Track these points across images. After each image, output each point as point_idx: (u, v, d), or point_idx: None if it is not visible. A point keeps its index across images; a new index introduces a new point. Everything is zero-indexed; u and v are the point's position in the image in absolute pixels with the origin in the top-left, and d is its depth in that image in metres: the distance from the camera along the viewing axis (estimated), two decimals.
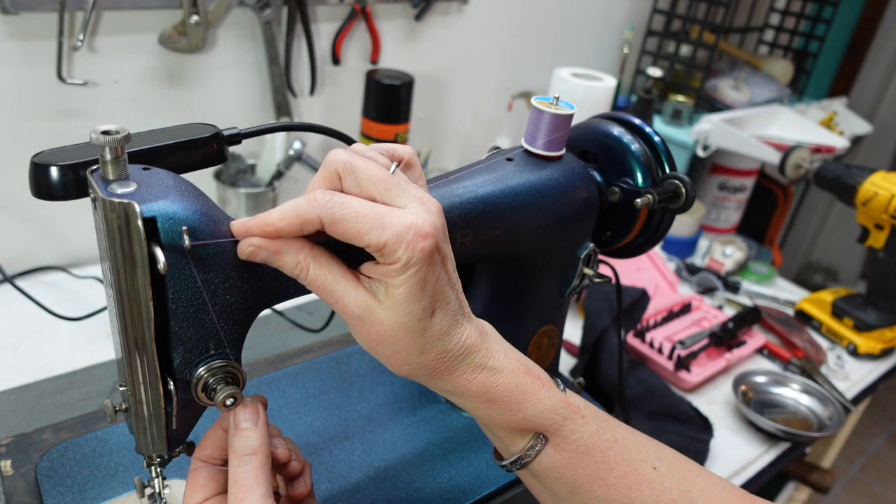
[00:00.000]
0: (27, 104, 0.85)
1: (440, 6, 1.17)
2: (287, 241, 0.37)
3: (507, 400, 0.40)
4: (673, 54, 1.47)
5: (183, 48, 0.91)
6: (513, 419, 0.41)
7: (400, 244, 0.35)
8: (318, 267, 0.37)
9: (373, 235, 0.35)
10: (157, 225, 0.34)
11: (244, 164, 1.05)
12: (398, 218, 0.35)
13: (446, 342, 0.39)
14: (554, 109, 0.49)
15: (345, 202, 0.36)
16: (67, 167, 0.37)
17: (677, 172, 0.54)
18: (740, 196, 1.41)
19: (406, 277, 0.36)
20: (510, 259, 0.53)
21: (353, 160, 0.37)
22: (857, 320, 1.07)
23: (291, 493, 0.44)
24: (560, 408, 0.41)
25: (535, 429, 0.41)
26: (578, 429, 0.41)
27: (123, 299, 0.35)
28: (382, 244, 0.35)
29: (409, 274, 0.36)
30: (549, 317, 0.58)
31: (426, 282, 0.37)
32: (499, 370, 0.40)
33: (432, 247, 0.36)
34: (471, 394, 0.40)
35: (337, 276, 0.37)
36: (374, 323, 0.37)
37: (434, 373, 0.39)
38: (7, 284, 0.88)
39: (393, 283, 0.36)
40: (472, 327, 0.40)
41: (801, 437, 0.84)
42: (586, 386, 0.64)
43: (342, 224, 0.35)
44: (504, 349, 0.42)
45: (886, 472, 2.25)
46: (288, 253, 0.37)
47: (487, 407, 0.41)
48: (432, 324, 0.38)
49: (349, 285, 0.37)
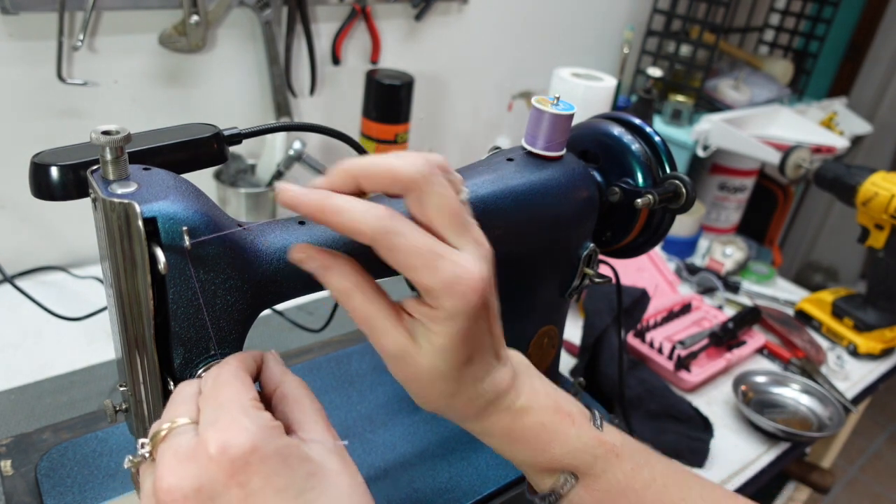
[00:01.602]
0: (27, 104, 0.85)
1: (440, 6, 1.17)
2: (339, 261, 0.36)
3: (533, 440, 0.39)
4: (673, 54, 1.47)
5: (183, 48, 0.91)
6: (539, 459, 0.40)
7: (448, 293, 0.34)
8: (363, 297, 0.36)
9: (422, 275, 0.34)
10: (157, 225, 0.34)
11: (244, 164, 1.05)
12: (452, 263, 0.34)
13: (478, 387, 0.38)
14: (554, 109, 0.49)
15: (404, 232, 0.34)
16: (67, 167, 0.37)
17: (677, 172, 0.54)
18: (740, 196, 1.41)
19: (449, 327, 0.35)
20: (510, 259, 0.53)
21: (433, 178, 0.35)
22: (857, 320, 1.07)
23: None
24: (591, 447, 0.40)
25: (564, 468, 0.40)
26: (611, 468, 0.40)
27: (123, 299, 0.35)
28: (430, 288, 0.34)
29: (452, 325, 0.35)
30: (549, 317, 0.58)
31: (468, 336, 0.36)
32: (524, 411, 0.39)
33: (480, 301, 0.35)
34: (496, 435, 0.40)
35: (380, 310, 0.36)
36: (410, 364, 0.37)
37: (462, 415, 0.39)
38: (7, 284, 0.88)
39: (435, 330, 0.35)
40: (505, 370, 0.39)
41: (802, 438, 0.84)
42: (586, 386, 0.64)
43: (392, 254, 0.34)
44: (534, 386, 0.40)
45: (887, 472, 2.25)
46: (337, 274, 0.36)
47: (512, 447, 0.40)
48: (467, 371, 0.37)
49: (389, 322, 0.36)
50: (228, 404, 0.32)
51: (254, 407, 0.32)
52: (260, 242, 0.39)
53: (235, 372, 0.35)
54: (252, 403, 0.33)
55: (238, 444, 0.30)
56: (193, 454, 0.30)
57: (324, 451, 0.33)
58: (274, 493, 0.30)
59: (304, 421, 0.35)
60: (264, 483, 0.30)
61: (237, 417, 0.31)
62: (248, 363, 0.37)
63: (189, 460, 0.30)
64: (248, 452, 0.30)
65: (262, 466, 0.30)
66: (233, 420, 0.31)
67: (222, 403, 0.32)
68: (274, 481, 0.30)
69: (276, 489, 0.30)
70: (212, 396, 0.33)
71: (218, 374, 0.35)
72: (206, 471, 0.30)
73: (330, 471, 0.33)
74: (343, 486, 0.32)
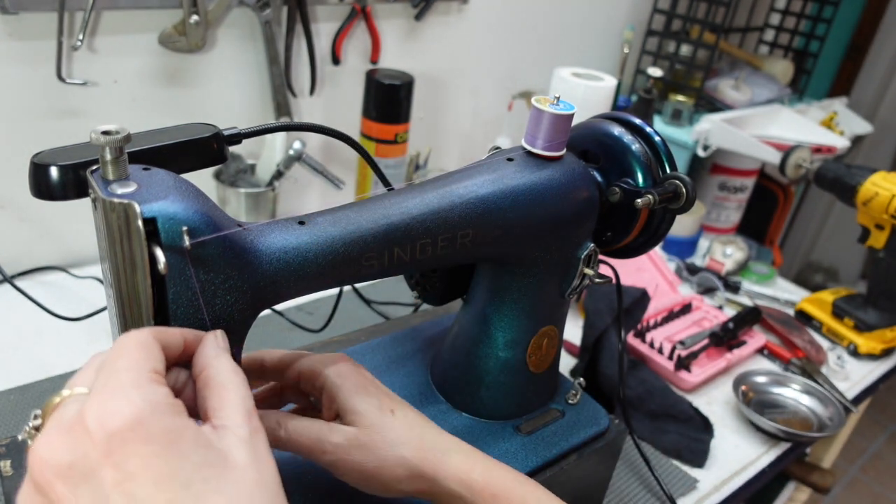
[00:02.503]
0: (27, 104, 0.85)
1: (440, 6, 1.17)
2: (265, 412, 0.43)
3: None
4: (673, 54, 1.47)
5: (183, 48, 0.90)
6: None
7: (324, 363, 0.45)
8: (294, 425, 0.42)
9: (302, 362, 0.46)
10: (157, 225, 0.34)
11: (244, 164, 1.05)
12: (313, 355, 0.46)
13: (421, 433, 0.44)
14: (554, 109, 0.49)
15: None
16: (67, 167, 0.37)
17: (678, 172, 0.54)
18: (740, 196, 1.41)
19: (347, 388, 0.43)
20: (510, 259, 0.53)
21: None
22: (857, 320, 1.07)
23: None
24: None
25: None
26: None
27: (123, 299, 0.35)
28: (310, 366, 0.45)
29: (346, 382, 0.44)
30: (549, 317, 0.57)
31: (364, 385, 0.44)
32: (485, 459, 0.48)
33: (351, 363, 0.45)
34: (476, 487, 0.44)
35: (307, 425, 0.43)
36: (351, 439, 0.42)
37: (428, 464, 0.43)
38: (7, 284, 0.88)
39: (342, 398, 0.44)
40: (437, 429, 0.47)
41: (802, 438, 0.84)
42: (586, 386, 0.64)
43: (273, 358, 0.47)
44: None
45: (887, 473, 2.25)
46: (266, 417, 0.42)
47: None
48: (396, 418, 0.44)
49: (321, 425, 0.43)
50: (120, 373, 0.29)
51: (150, 379, 0.29)
52: (260, 242, 0.39)
53: (143, 340, 0.31)
54: (149, 376, 0.29)
55: (118, 418, 0.26)
56: (72, 426, 0.27)
57: (234, 440, 0.30)
58: (152, 480, 0.26)
59: (222, 407, 0.31)
60: (143, 466, 0.26)
61: (125, 388, 0.28)
62: (165, 335, 0.33)
63: (67, 432, 0.27)
64: (128, 428, 0.26)
65: (144, 447, 0.26)
66: (119, 390, 0.28)
67: (114, 371, 0.29)
68: (155, 466, 0.26)
69: (156, 475, 0.26)
70: (108, 363, 0.30)
71: (122, 341, 0.31)
72: (80, 444, 0.26)
73: (235, 463, 0.29)
74: (247, 481, 0.28)
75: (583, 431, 0.59)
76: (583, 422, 0.60)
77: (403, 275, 0.60)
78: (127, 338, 0.31)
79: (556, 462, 0.57)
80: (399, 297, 0.99)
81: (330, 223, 0.42)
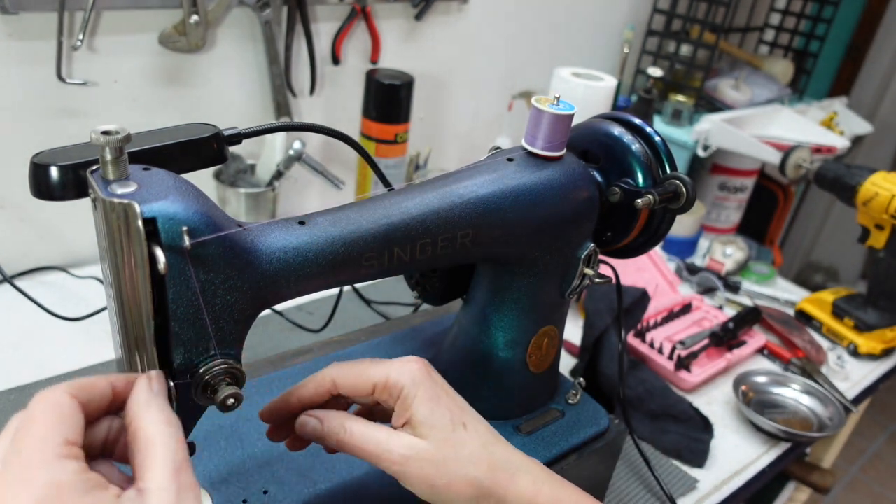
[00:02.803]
0: (27, 104, 0.85)
1: (440, 6, 1.17)
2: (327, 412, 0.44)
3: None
4: (673, 54, 1.47)
5: (183, 48, 0.91)
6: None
7: (399, 373, 0.42)
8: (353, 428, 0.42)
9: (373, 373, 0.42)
10: (157, 225, 0.34)
11: (244, 164, 1.05)
12: (383, 363, 0.43)
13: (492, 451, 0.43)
14: (554, 109, 0.49)
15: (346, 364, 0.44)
16: (67, 167, 0.37)
17: (678, 172, 0.54)
18: (740, 196, 1.41)
19: (419, 397, 0.42)
20: (510, 259, 0.53)
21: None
22: (857, 320, 1.07)
23: None
24: None
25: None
26: None
27: (123, 299, 0.35)
28: (385, 377, 0.42)
29: (419, 392, 0.42)
30: (549, 317, 0.57)
31: (438, 396, 0.42)
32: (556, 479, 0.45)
33: (424, 366, 0.43)
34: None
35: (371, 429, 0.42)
36: (421, 452, 0.41)
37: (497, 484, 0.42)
38: (7, 284, 0.88)
39: (413, 410, 0.42)
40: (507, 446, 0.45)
41: (802, 438, 0.84)
42: (586, 386, 0.64)
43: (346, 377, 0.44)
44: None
45: (887, 473, 2.25)
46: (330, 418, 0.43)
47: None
48: (469, 434, 0.42)
49: (385, 433, 0.42)
50: (27, 450, 0.27)
51: (58, 455, 0.27)
52: (260, 242, 0.39)
53: (56, 403, 0.29)
54: (58, 450, 0.27)
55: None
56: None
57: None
58: None
59: (147, 466, 0.29)
60: None
61: (29, 467, 0.26)
62: (87, 390, 0.31)
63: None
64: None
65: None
66: (22, 471, 0.26)
67: (22, 447, 0.27)
68: None
69: None
70: (19, 433, 0.28)
71: (34, 404, 0.29)
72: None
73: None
74: None
75: (583, 431, 0.59)
76: (583, 422, 0.60)
77: (403, 275, 0.60)
78: (39, 401, 0.29)
79: (556, 462, 0.57)
80: (399, 297, 1.00)
81: (330, 223, 0.42)
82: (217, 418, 0.60)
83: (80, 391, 0.31)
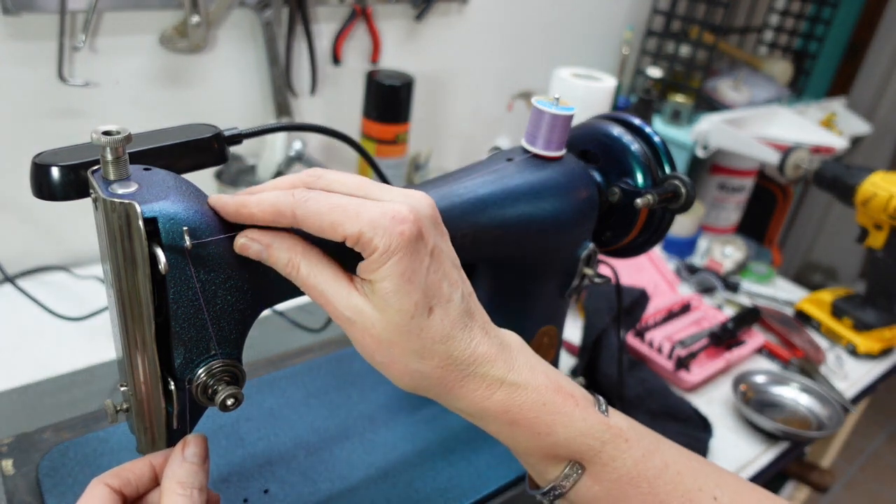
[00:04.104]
0: (28, 104, 0.85)
1: (440, 6, 1.17)
2: (280, 236, 0.36)
3: (534, 421, 0.36)
4: (672, 54, 1.47)
5: (183, 49, 0.91)
6: (542, 444, 0.37)
7: (376, 230, 0.33)
8: (308, 265, 0.35)
9: (347, 226, 0.33)
10: (157, 225, 0.34)
11: (245, 164, 1.05)
12: (373, 206, 0.34)
13: (451, 347, 0.35)
14: (554, 110, 0.49)
15: (318, 197, 0.34)
16: (68, 167, 0.38)
17: (677, 172, 0.54)
18: (740, 196, 1.41)
19: (389, 267, 0.33)
20: (510, 259, 0.54)
21: (327, 172, 0.37)
22: (856, 320, 1.07)
23: None
24: (598, 431, 0.37)
25: (570, 455, 0.37)
26: (620, 455, 0.37)
27: (124, 299, 0.35)
28: (357, 233, 0.33)
29: (391, 263, 0.33)
30: (549, 317, 0.58)
31: (414, 272, 0.34)
32: (521, 386, 0.36)
33: (413, 232, 0.34)
34: (491, 413, 0.36)
35: (328, 276, 0.36)
36: (367, 326, 0.35)
37: (441, 384, 0.36)
38: (8, 284, 0.88)
39: (377, 277, 0.34)
40: (487, 337, 0.37)
41: (801, 437, 0.84)
42: (586, 386, 0.64)
43: (316, 217, 0.34)
44: (530, 363, 0.38)
45: (886, 472, 2.25)
46: (280, 249, 0.36)
47: (512, 430, 0.37)
48: (430, 324, 0.35)
49: (341, 287, 0.35)
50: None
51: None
52: None
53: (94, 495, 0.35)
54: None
55: None
56: None
57: None
58: None
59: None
60: None
61: None
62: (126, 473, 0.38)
63: None
64: None
65: None
66: None
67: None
68: None
69: None
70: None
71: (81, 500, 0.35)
72: None
73: None
74: None
75: None
76: None
77: None
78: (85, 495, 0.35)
79: None
80: None
81: None
82: (217, 418, 0.60)
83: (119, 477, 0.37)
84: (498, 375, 0.36)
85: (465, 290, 0.38)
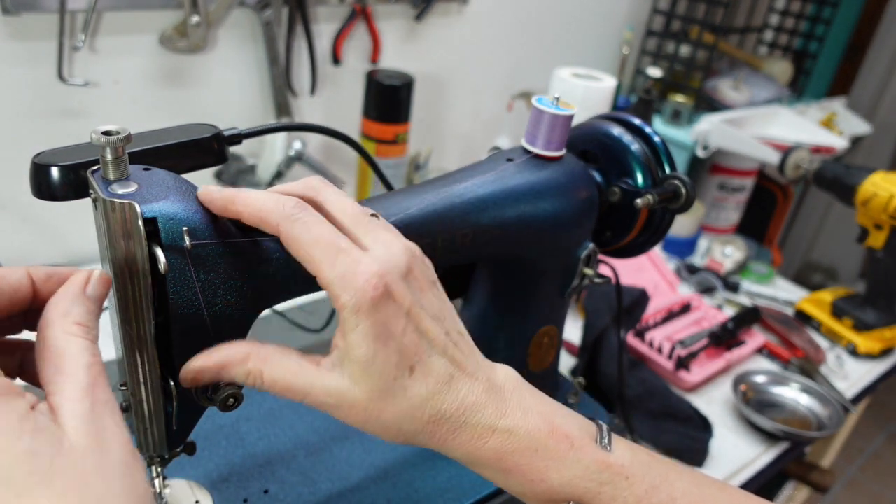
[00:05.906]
0: (28, 104, 0.85)
1: (440, 6, 1.17)
2: (229, 355, 0.35)
3: (526, 468, 0.35)
4: (672, 54, 1.47)
5: (183, 49, 0.91)
6: (536, 490, 0.36)
7: (345, 287, 0.32)
8: (271, 369, 0.34)
9: (322, 269, 0.33)
10: (157, 225, 0.34)
11: (245, 164, 1.05)
12: (350, 258, 0.33)
13: (438, 403, 0.35)
14: (554, 110, 0.49)
15: (308, 221, 0.33)
16: (68, 167, 0.38)
17: (677, 172, 0.54)
18: (740, 196, 1.41)
19: (359, 333, 0.32)
20: (510, 259, 0.54)
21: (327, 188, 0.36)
22: (856, 320, 1.07)
23: None
24: (594, 473, 0.36)
25: (567, 498, 0.36)
26: (621, 494, 0.36)
27: (124, 299, 0.35)
28: (328, 282, 0.33)
29: (361, 329, 0.32)
30: (549, 317, 0.58)
31: (389, 335, 0.33)
32: (513, 432, 0.35)
33: (379, 293, 0.32)
34: (484, 461, 0.36)
35: (294, 371, 0.34)
36: (351, 404, 0.34)
37: (433, 438, 0.35)
38: None
39: (351, 344, 0.33)
40: (476, 383, 0.36)
41: (801, 437, 0.84)
42: (586, 386, 0.64)
43: (295, 243, 0.33)
44: (523, 405, 0.36)
45: (886, 472, 2.25)
46: (234, 367, 0.34)
47: (506, 477, 0.36)
48: (413, 383, 0.34)
49: (310, 376, 0.34)
50: None
51: None
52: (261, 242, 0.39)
53: None
54: None
55: None
56: None
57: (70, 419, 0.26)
58: None
59: (56, 379, 0.27)
60: None
61: None
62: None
63: None
64: None
65: None
66: None
67: None
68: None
69: None
70: None
71: None
72: None
73: (71, 448, 0.25)
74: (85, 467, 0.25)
75: None
76: None
77: None
78: None
79: None
80: None
81: None
82: (217, 418, 0.60)
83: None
84: (489, 423, 0.35)
85: (452, 339, 0.36)
